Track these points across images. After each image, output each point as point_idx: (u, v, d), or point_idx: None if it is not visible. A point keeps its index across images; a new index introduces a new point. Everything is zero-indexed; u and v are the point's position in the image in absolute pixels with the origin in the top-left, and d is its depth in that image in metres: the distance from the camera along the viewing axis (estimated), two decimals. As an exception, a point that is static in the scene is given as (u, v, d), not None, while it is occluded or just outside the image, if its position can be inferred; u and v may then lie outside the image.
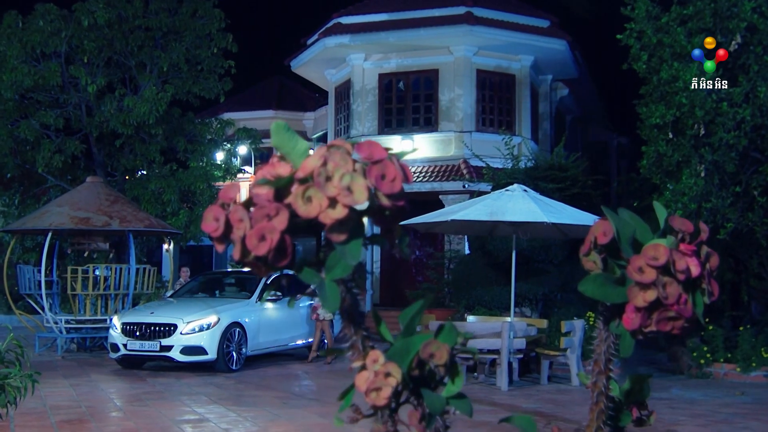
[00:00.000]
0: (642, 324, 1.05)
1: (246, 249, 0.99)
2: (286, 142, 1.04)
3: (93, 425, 8.60)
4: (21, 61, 18.54)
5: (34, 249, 20.21)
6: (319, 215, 0.97)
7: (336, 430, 6.37)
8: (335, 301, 1.00)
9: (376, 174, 1.00)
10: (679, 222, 1.11)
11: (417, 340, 1.07)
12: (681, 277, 1.04)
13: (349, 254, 0.98)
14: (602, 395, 1.19)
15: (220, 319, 13.29)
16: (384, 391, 1.04)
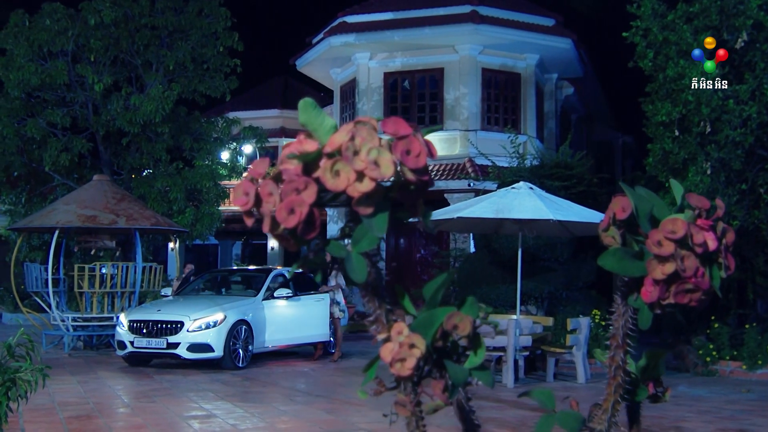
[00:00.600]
0: (660, 296, 1.08)
1: (276, 222, 1.02)
2: (313, 119, 1.07)
3: (101, 421, 8.64)
4: (28, 60, 18.63)
5: (40, 247, 20.28)
6: (347, 188, 1.00)
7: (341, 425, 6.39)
8: (362, 272, 1.03)
9: (401, 149, 1.03)
10: (696, 199, 1.14)
11: (440, 312, 1.10)
12: (698, 251, 1.07)
13: (375, 227, 1.01)
14: (620, 369, 1.21)
15: (227, 316, 13.32)
16: (408, 362, 1.07)
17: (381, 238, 1.04)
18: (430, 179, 1.06)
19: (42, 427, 8.17)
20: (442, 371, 1.12)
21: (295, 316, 14.99)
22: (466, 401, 1.18)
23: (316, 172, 1.03)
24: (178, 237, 19.06)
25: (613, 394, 1.23)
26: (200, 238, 20.78)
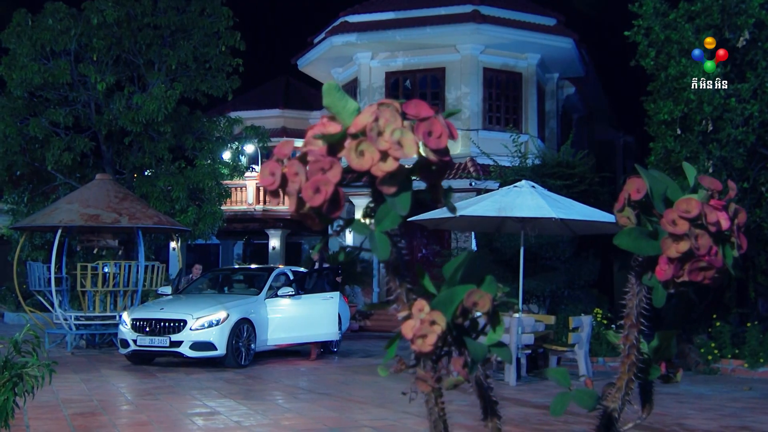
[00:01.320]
0: (675, 275, 1.11)
1: (302, 201, 1.05)
2: (337, 102, 1.10)
3: (105, 418, 8.67)
4: (31, 59, 18.67)
5: (43, 247, 20.32)
6: (371, 168, 1.03)
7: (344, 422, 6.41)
8: (385, 250, 1.06)
9: (423, 130, 1.06)
10: (708, 181, 1.17)
11: (461, 290, 1.13)
12: (712, 229, 1.10)
13: (398, 205, 1.04)
14: (634, 348, 1.24)
15: (230, 315, 13.35)
16: (430, 338, 1.10)
17: (403, 217, 1.07)
18: (451, 160, 1.09)
19: (47, 423, 8.19)
20: (462, 348, 1.15)
21: (298, 315, 15.00)
22: (485, 378, 1.21)
23: (341, 153, 1.06)
24: (180, 236, 19.10)
25: (626, 373, 1.26)
26: (202, 238, 20.82)
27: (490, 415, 1.31)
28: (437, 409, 1.26)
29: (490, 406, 1.31)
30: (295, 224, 31.68)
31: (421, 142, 1.06)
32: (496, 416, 1.32)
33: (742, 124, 12.43)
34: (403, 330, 1.14)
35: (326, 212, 1.06)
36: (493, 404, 1.31)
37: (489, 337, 1.16)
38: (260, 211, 30.56)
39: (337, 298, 15.45)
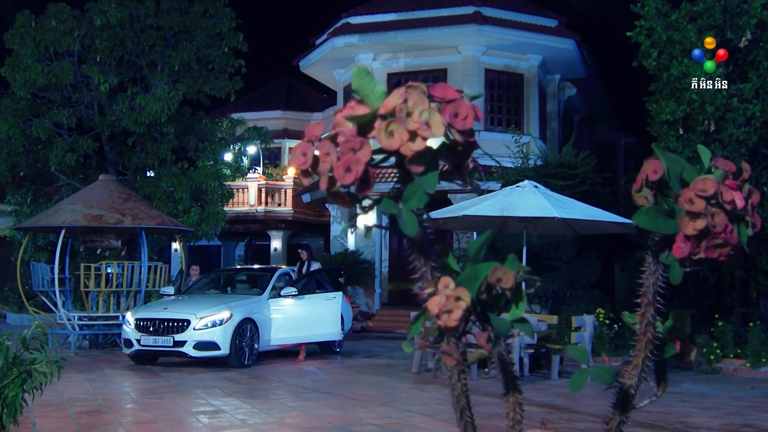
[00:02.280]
0: (691, 252, 1.15)
1: (333, 179, 1.09)
2: (365, 85, 1.14)
3: (111, 416, 8.71)
4: (34, 60, 18.73)
5: (45, 247, 20.37)
6: (401, 148, 1.07)
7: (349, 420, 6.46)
8: (413, 227, 1.10)
9: (450, 112, 1.10)
10: (723, 163, 1.21)
11: (485, 267, 1.17)
12: (728, 208, 1.14)
13: (426, 184, 1.08)
14: (650, 326, 1.28)
15: (233, 314, 13.38)
16: (455, 313, 1.14)
17: (430, 195, 1.11)
18: (476, 141, 1.13)
19: (53, 421, 8.23)
20: (486, 323, 1.19)
21: (301, 315, 15.03)
22: (507, 353, 1.25)
23: (371, 133, 1.10)
24: (182, 237, 19.13)
25: (643, 350, 1.30)
26: (205, 238, 20.86)
27: (511, 390, 1.35)
28: (460, 385, 1.30)
29: (512, 381, 1.35)
30: (296, 225, 31.73)
31: (448, 123, 1.10)
32: (518, 391, 1.36)
33: (744, 124, 12.47)
34: (429, 306, 1.18)
35: (357, 190, 1.10)
36: (514, 379, 1.35)
37: (512, 312, 1.20)
38: (262, 213, 30.62)
39: (340, 298, 15.49)
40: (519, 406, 1.35)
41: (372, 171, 1.12)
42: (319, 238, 33.56)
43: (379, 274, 24.72)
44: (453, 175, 1.19)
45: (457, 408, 1.31)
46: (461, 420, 1.31)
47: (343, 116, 1.14)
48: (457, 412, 1.31)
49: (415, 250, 1.22)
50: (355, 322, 21.15)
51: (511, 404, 1.35)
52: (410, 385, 11.63)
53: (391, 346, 18.10)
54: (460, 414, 1.31)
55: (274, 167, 32.86)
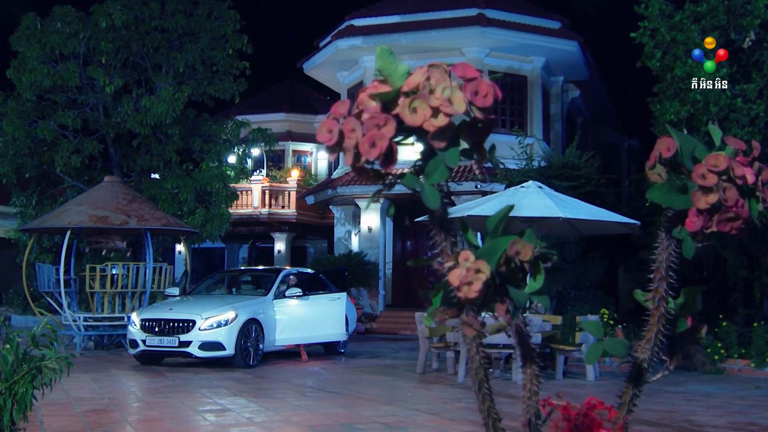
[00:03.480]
0: (704, 225, 1.19)
1: (358, 154, 1.13)
2: (388, 65, 1.18)
3: (117, 414, 8.76)
4: (40, 62, 18.81)
5: (50, 249, 20.44)
6: (423, 124, 1.11)
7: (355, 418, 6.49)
8: (436, 200, 1.14)
9: (470, 90, 1.14)
10: (733, 141, 1.25)
11: (503, 240, 1.21)
12: (739, 182, 1.18)
13: (448, 158, 1.12)
14: (663, 300, 1.32)
15: (238, 315, 13.43)
16: (475, 285, 1.18)
17: (451, 170, 1.14)
18: (494, 119, 1.17)
19: (60, 420, 8.27)
20: (505, 296, 1.23)
21: (306, 316, 15.09)
22: (524, 325, 1.29)
23: (395, 110, 1.14)
24: (186, 239, 19.19)
25: (655, 324, 1.34)
26: (210, 239, 20.92)
27: (528, 362, 1.39)
28: (478, 358, 1.33)
29: (529, 353, 1.39)
30: (300, 228, 31.79)
31: (469, 101, 1.14)
32: (535, 363, 1.40)
33: (748, 125, 12.50)
34: (450, 278, 1.22)
35: (381, 165, 1.14)
36: (531, 351, 1.39)
37: (529, 285, 1.24)
38: (266, 215, 30.67)
39: (345, 298, 15.56)
40: (536, 377, 1.39)
41: (395, 146, 1.16)
42: (322, 240, 33.60)
43: (383, 275, 24.76)
44: (473, 153, 1.23)
45: (476, 380, 1.34)
46: (479, 392, 1.35)
47: (367, 95, 1.18)
48: (476, 384, 1.35)
49: (436, 226, 1.26)
50: (359, 323, 21.20)
51: (529, 376, 1.39)
52: (415, 384, 11.66)
53: (396, 348, 18.14)
54: (478, 386, 1.35)
55: (278, 169, 32.93)
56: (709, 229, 1.22)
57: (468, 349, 1.32)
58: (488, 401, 1.36)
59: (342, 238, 26.83)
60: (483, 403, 1.36)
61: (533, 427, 1.37)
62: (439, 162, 1.15)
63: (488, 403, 1.36)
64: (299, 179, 31.77)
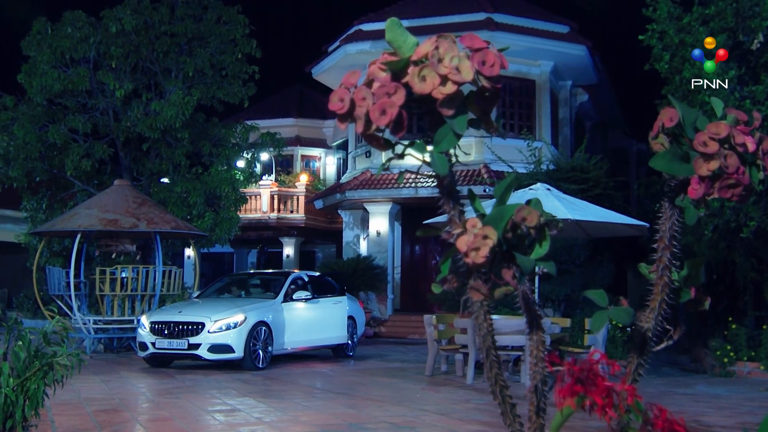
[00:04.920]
0: (706, 192, 1.22)
1: (369, 121, 1.16)
2: (398, 37, 1.22)
3: (128, 414, 8.81)
4: (50, 67, 18.94)
5: (60, 253, 20.53)
6: (432, 91, 1.15)
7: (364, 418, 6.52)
8: (444, 166, 1.17)
9: (478, 59, 1.17)
10: (735, 111, 1.28)
11: (510, 207, 1.25)
12: (740, 150, 1.21)
13: (457, 125, 1.15)
14: (667, 269, 1.35)
15: (247, 317, 13.47)
16: (482, 251, 1.21)
17: (460, 137, 1.18)
18: (500, 89, 1.20)
19: (71, 419, 8.32)
20: (511, 262, 1.27)
21: (314, 319, 15.15)
22: (531, 292, 1.32)
23: (404, 79, 1.18)
24: (195, 243, 19.24)
25: (659, 294, 1.37)
26: (219, 243, 20.98)
27: (534, 328, 1.42)
28: (486, 325, 1.37)
29: (535, 320, 1.42)
30: (308, 232, 31.85)
31: (476, 70, 1.18)
32: (540, 329, 1.43)
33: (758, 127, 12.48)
34: (458, 244, 1.25)
35: (392, 132, 1.17)
36: (537, 318, 1.42)
37: (536, 251, 1.27)
38: (274, 219, 30.73)
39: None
40: (542, 343, 1.42)
41: (405, 114, 1.19)
42: (331, 245, 33.64)
43: (391, 279, 24.78)
44: (480, 123, 1.26)
45: (484, 347, 1.37)
46: (487, 359, 1.38)
47: (377, 66, 1.22)
48: (484, 351, 1.38)
49: (444, 195, 1.29)
50: (367, 327, 21.22)
51: (535, 342, 1.42)
52: (424, 386, 11.68)
53: (404, 351, 18.15)
54: (486, 353, 1.38)
55: (287, 174, 33.01)
56: (711, 196, 1.25)
57: (476, 318, 1.35)
58: (495, 369, 1.39)
59: (351, 243, 26.87)
60: (491, 370, 1.39)
61: (539, 393, 1.40)
62: (448, 130, 1.18)
63: (495, 370, 1.39)
64: (308, 184, 31.83)
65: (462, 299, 1.33)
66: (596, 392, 1.26)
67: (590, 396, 1.25)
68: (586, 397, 1.27)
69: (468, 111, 1.20)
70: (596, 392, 1.26)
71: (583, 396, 1.27)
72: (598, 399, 1.26)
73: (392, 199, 24.15)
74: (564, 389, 1.26)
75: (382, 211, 24.58)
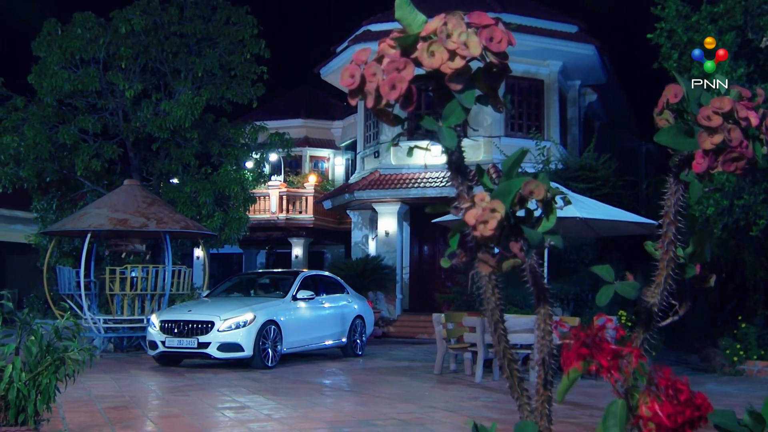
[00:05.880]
0: (710, 166, 1.24)
1: (379, 96, 1.19)
2: (407, 15, 1.25)
3: (138, 411, 8.86)
4: (61, 67, 19.04)
5: (71, 253, 20.62)
6: (441, 66, 1.17)
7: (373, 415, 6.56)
8: (452, 140, 1.20)
9: (485, 36, 1.20)
10: (738, 88, 1.30)
11: (517, 181, 1.27)
12: (743, 124, 1.23)
13: (465, 99, 1.18)
14: (672, 244, 1.37)
15: (256, 316, 13.51)
16: (490, 223, 1.24)
17: (468, 110, 1.20)
18: (508, 65, 1.23)
19: (82, 416, 8.37)
20: (519, 235, 1.29)
21: (323, 318, 15.19)
22: (538, 266, 1.34)
23: (414, 54, 1.20)
24: (205, 243, 19.30)
25: (665, 269, 1.39)
26: (228, 243, 21.03)
27: (542, 302, 1.44)
28: (494, 299, 1.39)
29: (542, 293, 1.44)
30: (317, 233, 31.89)
31: (483, 46, 1.20)
32: (548, 303, 1.45)
33: (766, 125, 12.46)
34: (467, 218, 1.27)
35: (401, 106, 1.20)
36: (544, 292, 1.44)
37: (543, 224, 1.30)
38: (283, 220, 30.78)
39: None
40: (549, 317, 1.44)
41: (414, 89, 1.22)
42: (340, 246, 33.68)
43: (400, 279, 24.80)
44: (487, 99, 1.29)
45: (492, 320, 1.40)
46: (495, 332, 1.41)
47: (387, 44, 1.25)
48: (492, 324, 1.40)
49: (453, 170, 1.32)
50: (376, 327, 21.24)
51: (542, 316, 1.45)
52: (432, 384, 11.70)
53: (413, 351, 18.17)
54: (494, 327, 1.41)
55: (295, 175, 33.07)
56: (715, 170, 1.27)
57: (484, 291, 1.38)
58: (504, 341, 1.42)
59: (359, 243, 26.90)
60: (499, 343, 1.42)
61: (547, 365, 1.43)
62: (456, 105, 1.21)
63: (504, 343, 1.42)
64: (316, 184, 31.88)
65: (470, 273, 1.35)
66: (602, 355, 1.28)
67: (596, 359, 1.27)
68: (592, 360, 1.29)
69: (475, 87, 1.22)
70: (602, 355, 1.28)
71: (589, 361, 1.29)
72: (604, 361, 1.28)
73: (401, 199, 24.17)
74: (570, 352, 1.28)
75: (390, 211, 24.60)
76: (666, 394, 1.23)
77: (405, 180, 23.70)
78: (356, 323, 16.16)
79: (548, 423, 1.41)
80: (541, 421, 1.40)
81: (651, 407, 1.23)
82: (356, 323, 16.16)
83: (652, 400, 1.23)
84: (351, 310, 16.10)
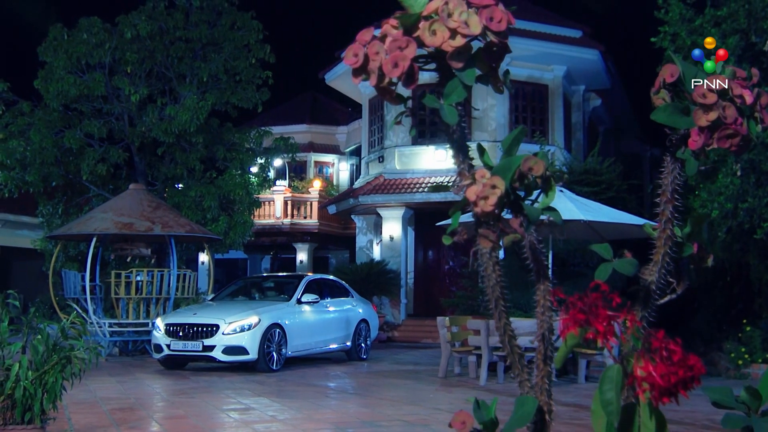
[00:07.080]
0: (705, 143, 1.27)
1: (382, 74, 1.22)
2: (410, -4, 1.28)
3: (143, 412, 8.88)
4: (67, 72, 19.15)
5: (76, 258, 20.69)
6: (442, 45, 1.21)
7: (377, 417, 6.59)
8: (453, 116, 1.23)
9: (486, 15, 1.23)
10: (734, 68, 1.33)
11: (517, 158, 1.30)
12: (738, 102, 1.26)
13: (466, 77, 1.21)
14: (669, 222, 1.40)
15: (261, 319, 13.54)
16: (491, 199, 1.27)
17: (469, 88, 1.24)
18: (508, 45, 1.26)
19: (87, 417, 8.41)
20: (519, 211, 1.32)
21: (327, 321, 15.21)
22: (537, 242, 1.37)
23: (416, 33, 1.24)
24: (209, 247, 19.35)
25: (662, 247, 1.42)
26: (233, 247, 21.08)
27: (541, 278, 1.47)
28: (495, 276, 1.42)
29: (542, 269, 1.47)
30: (322, 238, 31.93)
31: (484, 25, 1.23)
32: (547, 279, 1.48)
33: (770, 128, 12.47)
34: (467, 194, 1.30)
35: (404, 84, 1.23)
36: (543, 268, 1.47)
37: (542, 201, 1.33)
38: (288, 225, 30.83)
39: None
40: (548, 293, 1.47)
41: (416, 67, 1.25)
42: (344, 251, 33.72)
43: (404, 284, 24.83)
44: (488, 79, 1.32)
45: (492, 297, 1.43)
46: (496, 309, 1.44)
47: (390, 24, 1.28)
48: (492, 301, 1.43)
49: (454, 148, 1.35)
50: (380, 331, 21.27)
51: (542, 292, 1.47)
52: (437, 387, 11.71)
53: (418, 355, 18.18)
54: (495, 304, 1.43)
55: (300, 180, 33.14)
56: (710, 147, 1.30)
57: (485, 268, 1.41)
58: (504, 319, 1.44)
59: (364, 248, 26.94)
60: (500, 320, 1.45)
61: (546, 341, 1.46)
62: (457, 83, 1.24)
63: (504, 320, 1.45)
64: (321, 189, 31.93)
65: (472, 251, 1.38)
66: (598, 321, 1.31)
67: (592, 325, 1.30)
68: (589, 327, 1.32)
69: (475, 66, 1.25)
70: (598, 321, 1.31)
71: (586, 328, 1.32)
72: (600, 327, 1.31)
73: (405, 204, 24.21)
74: (568, 318, 1.31)
75: (395, 216, 24.64)
76: (660, 356, 1.26)
77: (409, 185, 23.74)
78: (361, 327, 16.19)
79: (548, 398, 1.44)
80: (541, 396, 1.43)
81: (645, 368, 1.26)
82: (361, 327, 16.19)
83: (646, 361, 1.26)
84: (355, 314, 16.13)
